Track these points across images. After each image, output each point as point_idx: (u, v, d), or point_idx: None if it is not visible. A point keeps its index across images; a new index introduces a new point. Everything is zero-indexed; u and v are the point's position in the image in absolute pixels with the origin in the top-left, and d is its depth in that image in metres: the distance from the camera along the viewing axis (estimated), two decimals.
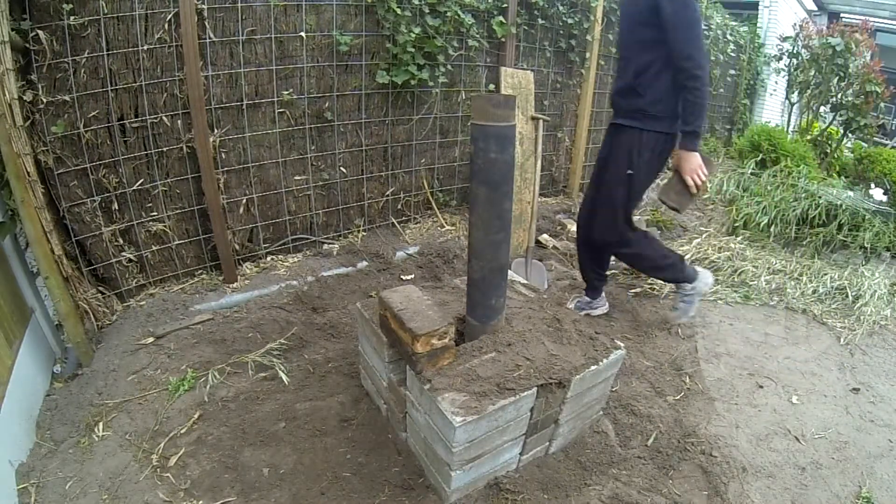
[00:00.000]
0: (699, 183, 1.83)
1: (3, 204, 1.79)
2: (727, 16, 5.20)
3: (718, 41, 4.98)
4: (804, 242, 3.45)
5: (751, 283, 2.97)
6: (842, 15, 8.17)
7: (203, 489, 1.48)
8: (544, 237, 3.32)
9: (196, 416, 1.72)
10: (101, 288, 2.20)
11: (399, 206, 3.10)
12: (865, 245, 3.30)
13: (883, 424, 1.98)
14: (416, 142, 2.98)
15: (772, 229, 3.52)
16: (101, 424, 1.66)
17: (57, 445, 1.60)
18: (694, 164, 1.83)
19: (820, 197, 3.52)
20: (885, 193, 4.36)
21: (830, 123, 5.47)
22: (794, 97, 5.82)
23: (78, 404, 1.75)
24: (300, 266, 2.62)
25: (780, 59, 5.78)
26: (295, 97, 2.45)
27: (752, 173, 4.40)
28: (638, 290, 2.82)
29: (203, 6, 2.11)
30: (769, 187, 3.94)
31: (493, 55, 3.16)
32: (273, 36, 2.31)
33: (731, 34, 5.20)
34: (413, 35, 2.59)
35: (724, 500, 1.57)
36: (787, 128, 5.85)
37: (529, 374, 1.40)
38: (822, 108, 5.59)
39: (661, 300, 2.75)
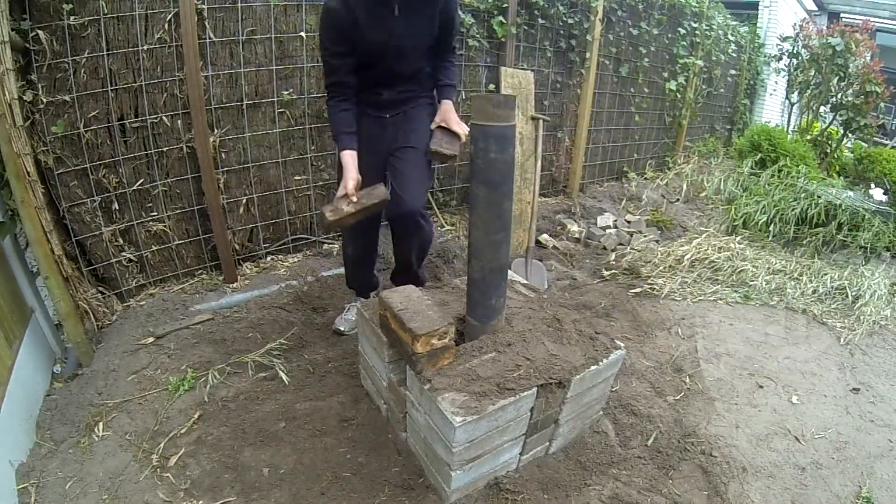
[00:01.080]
0: (466, 129, 1.85)
1: (3, 204, 1.79)
2: (728, 16, 5.20)
3: (720, 41, 4.98)
4: (804, 242, 3.45)
5: (751, 283, 2.97)
6: (842, 15, 8.18)
7: (203, 489, 1.48)
8: (544, 237, 3.32)
9: (196, 416, 1.72)
10: (101, 288, 2.20)
11: None
12: (865, 245, 3.30)
13: (883, 424, 1.98)
14: None
15: (771, 228, 3.52)
16: (101, 424, 1.66)
17: (57, 445, 1.60)
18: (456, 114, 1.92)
19: (819, 197, 3.52)
20: (885, 193, 4.37)
21: (830, 123, 5.47)
22: (794, 97, 5.82)
23: (78, 404, 1.75)
24: (300, 266, 2.62)
25: (780, 59, 5.78)
26: (295, 97, 2.45)
27: (751, 173, 4.40)
28: (638, 290, 2.82)
29: (203, 6, 2.11)
30: (768, 186, 3.94)
31: (493, 55, 3.16)
32: (273, 36, 2.31)
33: (731, 34, 5.21)
34: None
35: (724, 500, 1.57)
36: (787, 128, 5.85)
37: (529, 374, 1.40)
38: (822, 108, 5.59)
39: (661, 300, 2.75)
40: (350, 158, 1.76)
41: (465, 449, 1.32)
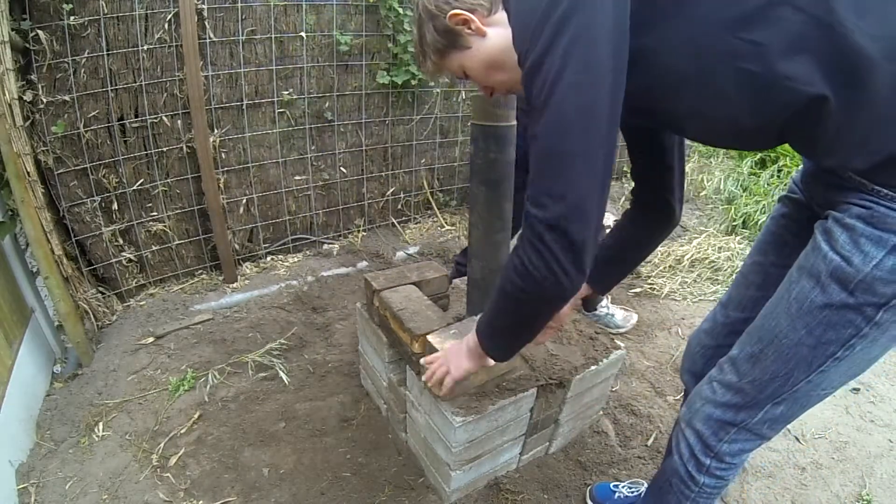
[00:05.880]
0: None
1: (3, 204, 1.79)
2: None
3: None
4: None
5: None
6: None
7: (203, 489, 1.48)
8: None
9: (196, 416, 1.72)
10: (101, 288, 2.20)
11: (399, 206, 3.10)
12: None
13: (883, 424, 1.98)
14: (417, 142, 2.98)
15: None
16: (101, 424, 1.67)
17: (57, 445, 1.60)
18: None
19: None
20: None
21: None
22: None
23: (78, 404, 1.75)
24: (300, 266, 2.62)
25: None
26: (295, 97, 2.45)
27: (751, 173, 4.40)
28: (638, 290, 2.82)
29: (203, 6, 2.10)
30: (768, 186, 3.94)
31: None
32: (273, 36, 2.31)
33: None
34: None
35: (724, 501, 1.57)
36: None
37: (529, 374, 1.40)
38: None
39: (661, 300, 2.75)
40: None
41: (465, 449, 1.32)
